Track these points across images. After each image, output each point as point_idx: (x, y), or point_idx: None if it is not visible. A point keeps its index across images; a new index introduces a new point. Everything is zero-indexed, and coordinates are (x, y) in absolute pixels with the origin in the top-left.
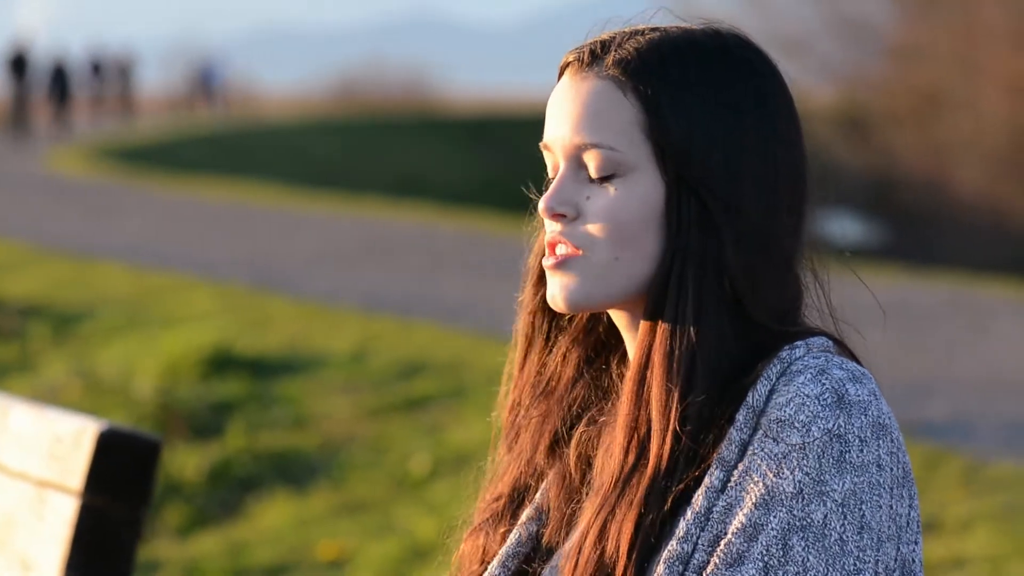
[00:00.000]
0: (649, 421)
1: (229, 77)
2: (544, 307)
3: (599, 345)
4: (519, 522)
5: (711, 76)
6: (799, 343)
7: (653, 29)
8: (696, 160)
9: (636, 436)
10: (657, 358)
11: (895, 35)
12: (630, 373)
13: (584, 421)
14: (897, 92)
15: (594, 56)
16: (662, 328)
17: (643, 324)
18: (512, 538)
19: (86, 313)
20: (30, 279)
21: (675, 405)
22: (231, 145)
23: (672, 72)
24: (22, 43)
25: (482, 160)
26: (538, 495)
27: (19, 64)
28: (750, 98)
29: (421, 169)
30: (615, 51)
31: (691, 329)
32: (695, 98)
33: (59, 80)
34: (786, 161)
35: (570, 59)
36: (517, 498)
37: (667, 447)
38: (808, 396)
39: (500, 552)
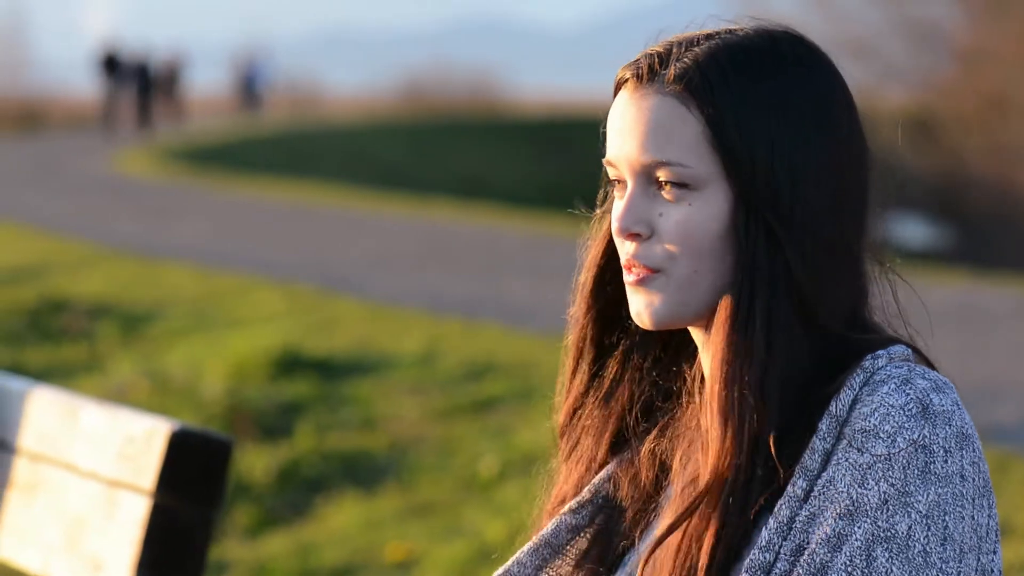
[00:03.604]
0: (732, 433)
1: (274, 78)
2: (596, 322)
3: (665, 346)
4: (560, 512)
5: (770, 83)
6: (881, 352)
7: (708, 37)
8: (760, 177)
9: (721, 448)
10: (734, 373)
11: (962, 38)
12: (712, 388)
13: (658, 429)
14: (964, 95)
15: (652, 71)
16: (735, 343)
17: (717, 339)
18: (550, 525)
19: (153, 313)
20: (97, 279)
21: (754, 416)
22: (296, 147)
23: (733, 83)
24: (112, 44)
25: (547, 163)
26: (586, 490)
27: (111, 64)
28: (809, 101)
29: (486, 171)
30: (674, 65)
31: (764, 342)
32: (757, 109)
33: (142, 80)
34: (849, 162)
35: (627, 75)
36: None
37: (746, 457)
38: (893, 406)
39: (535, 537)
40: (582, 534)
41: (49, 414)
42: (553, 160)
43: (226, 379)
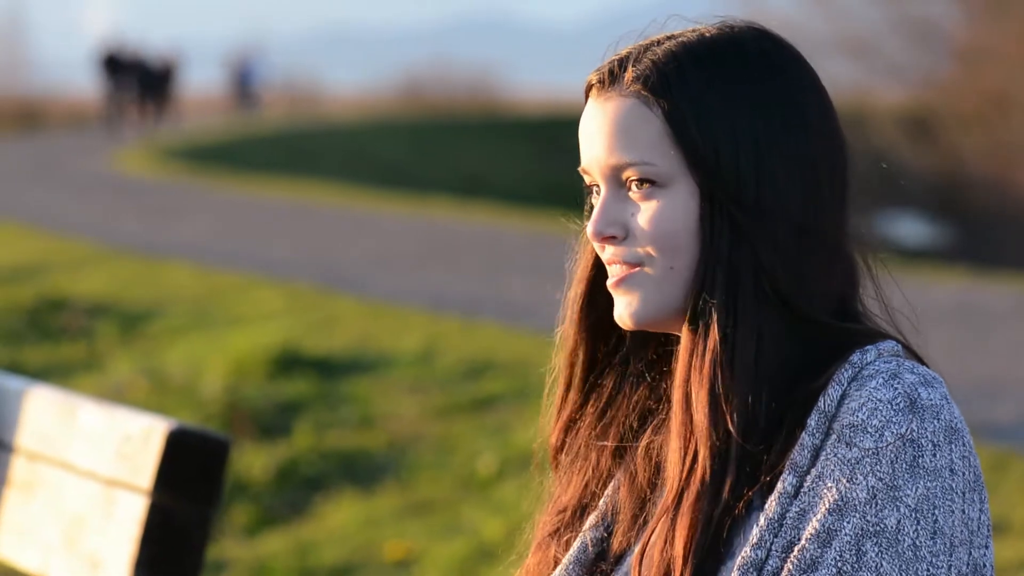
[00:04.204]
0: (693, 426)
1: (269, 77)
2: (589, 335)
3: (659, 350)
4: (583, 528)
5: (731, 76)
6: (869, 347)
7: (668, 38)
8: (723, 170)
9: (688, 444)
10: (696, 365)
11: (962, 37)
12: (676, 382)
13: (652, 427)
14: (964, 94)
15: (613, 75)
16: (699, 336)
17: (683, 333)
18: (576, 544)
19: (153, 312)
20: (97, 278)
21: (717, 409)
22: (295, 145)
23: (691, 79)
24: (113, 43)
25: (547, 161)
26: (602, 502)
27: (112, 64)
28: (774, 92)
29: (486, 170)
30: (632, 67)
31: (726, 334)
32: (718, 102)
33: (145, 78)
34: (821, 150)
35: (592, 81)
36: (583, 508)
37: (710, 451)
38: (881, 401)
39: (564, 559)
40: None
41: (47, 413)
42: (553, 158)
43: (225, 378)
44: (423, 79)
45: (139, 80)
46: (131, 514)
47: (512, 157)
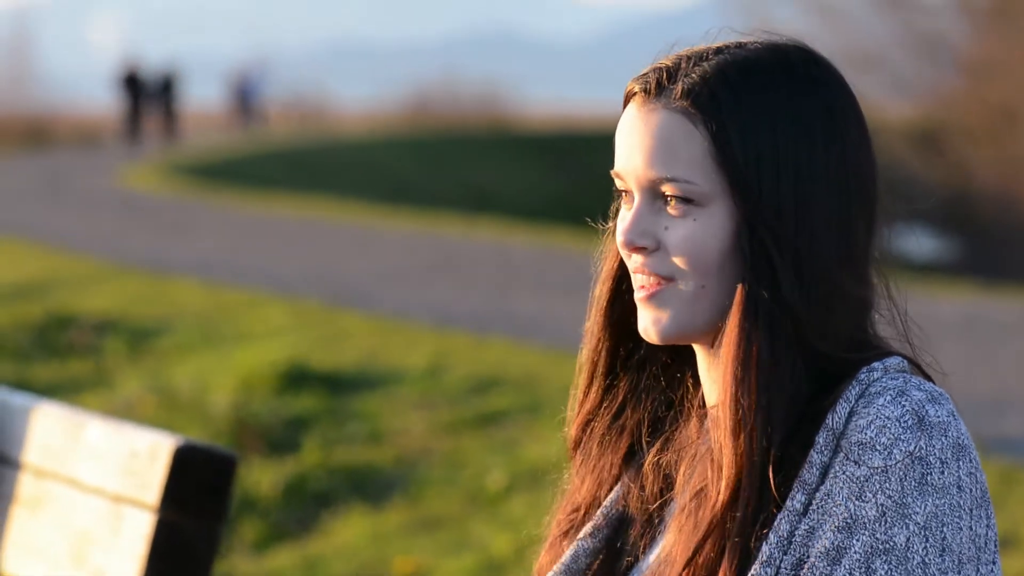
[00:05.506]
0: (744, 448)
1: (271, 92)
2: (612, 334)
3: (672, 354)
4: (578, 537)
5: (779, 101)
6: (876, 364)
7: (717, 52)
8: (765, 198)
9: (734, 463)
10: (743, 387)
11: (969, 50)
12: (724, 403)
13: (661, 441)
14: (971, 107)
15: (660, 86)
16: (744, 358)
17: (726, 355)
18: (569, 552)
19: (161, 329)
20: (105, 295)
21: (763, 430)
22: (304, 161)
23: (741, 100)
24: (133, 60)
25: (555, 176)
26: (599, 512)
27: (131, 81)
28: (819, 120)
29: (494, 185)
30: (682, 80)
31: (770, 358)
32: (764, 128)
33: (166, 93)
34: (858, 181)
35: (635, 89)
36: (595, 510)
37: (759, 472)
38: (889, 418)
39: (555, 567)
40: (599, 557)
41: (54, 430)
42: (561, 173)
43: (233, 394)
44: (431, 94)
45: (161, 95)
46: (138, 530)
47: (520, 172)
